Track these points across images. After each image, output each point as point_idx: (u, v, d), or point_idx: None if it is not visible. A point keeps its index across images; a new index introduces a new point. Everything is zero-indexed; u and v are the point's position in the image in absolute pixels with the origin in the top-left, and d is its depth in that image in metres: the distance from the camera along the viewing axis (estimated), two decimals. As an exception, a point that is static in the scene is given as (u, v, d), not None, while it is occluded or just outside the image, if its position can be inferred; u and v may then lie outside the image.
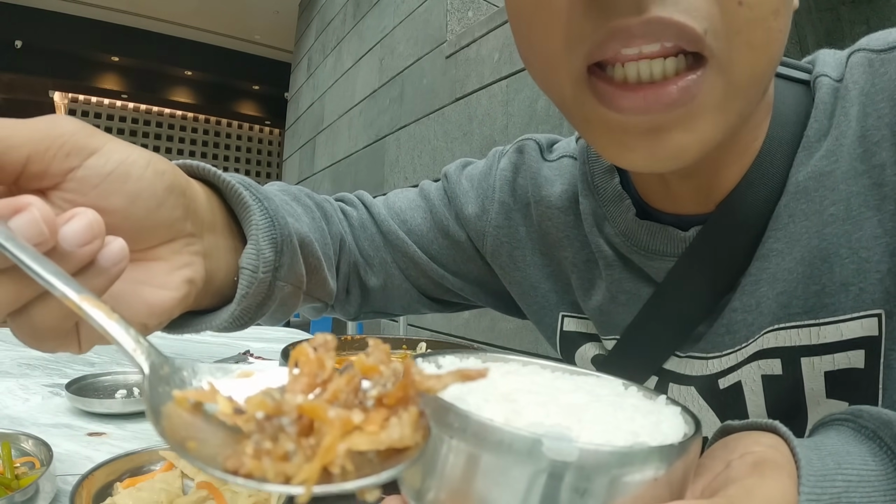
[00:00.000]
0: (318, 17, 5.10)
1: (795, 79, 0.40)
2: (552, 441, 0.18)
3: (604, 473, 0.18)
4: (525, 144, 0.54)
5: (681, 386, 0.44)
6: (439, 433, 0.20)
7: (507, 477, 0.18)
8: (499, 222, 0.52)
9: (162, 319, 0.29)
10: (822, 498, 0.24)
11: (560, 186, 0.50)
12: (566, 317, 0.51)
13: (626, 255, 0.44)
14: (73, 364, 0.90)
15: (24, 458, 0.46)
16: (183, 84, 8.55)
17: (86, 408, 0.63)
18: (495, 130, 2.39)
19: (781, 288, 0.38)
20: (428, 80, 2.96)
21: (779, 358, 0.39)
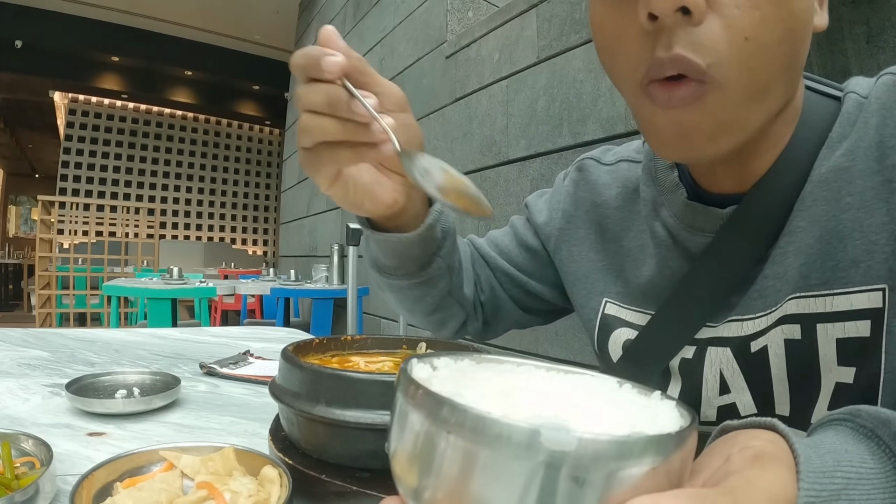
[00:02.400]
0: (318, 17, 5.10)
1: (830, 94, 0.49)
2: (550, 431, 0.18)
3: (602, 463, 0.18)
4: (584, 163, 0.67)
5: (718, 348, 0.50)
6: (436, 429, 0.20)
7: (505, 469, 0.19)
8: (561, 225, 0.66)
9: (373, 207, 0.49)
10: (822, 495, 0.24)
11: (616, 189, 0.62)
12: (609, 302, 0.60)
13: (675, 233, 0.53)
14: (73, 364, 0.90)
15: (24, 458, 0.45)
16: (183, 84, 8.55)
17: (86, 408, 0.63)
18: (495, 130, 2.39)
19: (803, 260, 0.45)
20: (428, 80, 2.96)
21: (799, 324, 0.45)
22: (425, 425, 0.20)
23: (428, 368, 0.26)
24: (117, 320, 3.74)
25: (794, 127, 0.47)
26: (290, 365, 0.42)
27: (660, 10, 0.37)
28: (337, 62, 0.39)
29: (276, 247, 8.59)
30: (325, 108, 0.40)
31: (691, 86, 0.39)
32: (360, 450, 0.38)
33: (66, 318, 5.10)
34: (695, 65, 0.38)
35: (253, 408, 0.70)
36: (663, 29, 0.38)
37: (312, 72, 0.39)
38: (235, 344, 1.13)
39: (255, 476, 0.41)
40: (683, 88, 0.39)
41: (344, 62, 0.39)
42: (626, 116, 1.74)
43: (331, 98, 0.39)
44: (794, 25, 0.39)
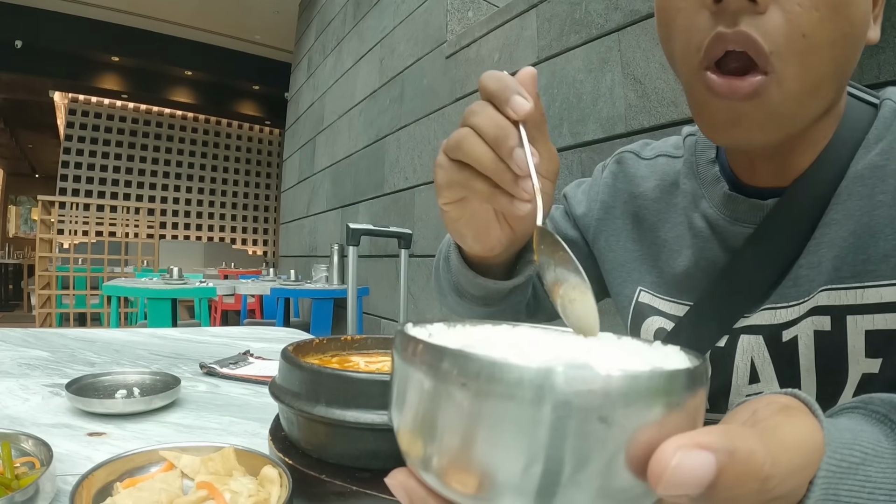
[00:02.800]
0: (318, 18, 5.10)
1: (867, 101, 0.51)
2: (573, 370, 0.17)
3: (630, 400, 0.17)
4: (623, 156, 0.68)
5: (750, 336, 0.51)
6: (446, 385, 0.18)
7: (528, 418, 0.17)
8: (600, 216, 0.67)
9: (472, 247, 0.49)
10: (842, 465, 0.24)
11: (654, 182, 0.63)
12: (643, 291, 0.61)
13: (714, 224, 0.54)
14: (73, 364, 0.90)
15: (24, 458, 0.45)
16: (183, 84, 8.55)
17: (86, 408, 0.63)
18: (495, 130, 2.39)
19: (836, 252, 0.46)
20: (428, 80, 2.96)
21: (829, 315, 0.46)
22: (433, 383, 0.18)
23: (424, 332, 0.24)
24: (117, 320, 3.74)
25: (835, 128, 0.49)
26: (290, 365, 0.42)
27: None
28: (526, 107, 0.37)
29: (276, 247, 8.59)
30: (489, 138, 0.38)
31: (754, 82, 0.40)
32: (360, 450, 0.38)
33: (66, 318, 5.10)
34: (760, 46, 0.39)
35: (253, 408, 0.70)
36: (727, 9, 0.39)
37: (498, 101, 0.38)
38: (235, 344, 1.13)
39: (255, 476, 0.41)
40: (746, 85, 0.40)
41: (531, 110, 0.38)
42: (626, 116, 1.74)
43: (500, 133, 0.38)
44: (849, 31, 0.40)
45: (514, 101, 0.37)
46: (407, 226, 2.87)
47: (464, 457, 0.18)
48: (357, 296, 2.40)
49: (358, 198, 3.79)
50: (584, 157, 1.90)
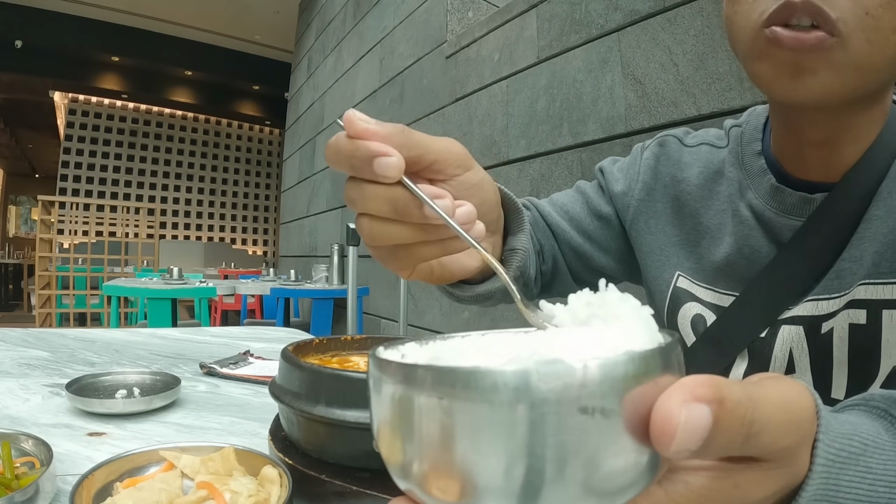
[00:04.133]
0: (318, 17, 5.10)
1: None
2: (545, 366, 0.17)
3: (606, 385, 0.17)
4: (666, 139, 0.67)
5: (791, 327, 0.52)
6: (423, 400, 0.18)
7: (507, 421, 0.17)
8: (641, 197, 0.66)
9: (464, 274, 0.45)
10: (841, 455, 0.24)
11: (697, 168, 0.63)
12: (681, 276, 0.61)
13: (761, 214, 0.54)
14: (73, 364, 0.90)
15: (24, 458, 0.45)
16: (183, 84, 8.55)
17: (86, 408, 0.63)
18: (495, 130, 2.39)
19: (877, 248, 0.47)
20: (428, 80, 2.96)
21: (865, 309, 0.47)
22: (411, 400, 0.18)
23: (396, 353, 0.24)
24: (117, 320, 3.74)
25: (880, 128, 0.50)
26: (290, 365, 0.42)
27: None
28: (395, 165, 0.31)
29: (276, 247, 8.59)
30: (392, 215, 0.34)
31: (820, 35, 0.41)
32: (360, 450, 0.38)
33: (66, 318, 5.10)
34: (824, 13, 0.40)
35: (253, 408, 0.70)
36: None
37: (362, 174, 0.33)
38: (235, 344, 1.13)
39: (255, 476, 0.41)
40: (812, 36, 0.41)
41: (401, 163, 0.32)
42: (626, 116, 1.74)
43: (398, 206, 0.33)
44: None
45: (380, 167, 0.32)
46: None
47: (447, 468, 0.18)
48: (357, 296, 2.40)
49: (358, 198, 3.78)
50: (584, 157, 1.90)
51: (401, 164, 0.32)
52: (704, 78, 1.51)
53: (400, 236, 0.35)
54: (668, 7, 1.61)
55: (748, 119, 0.60)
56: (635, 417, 0.18)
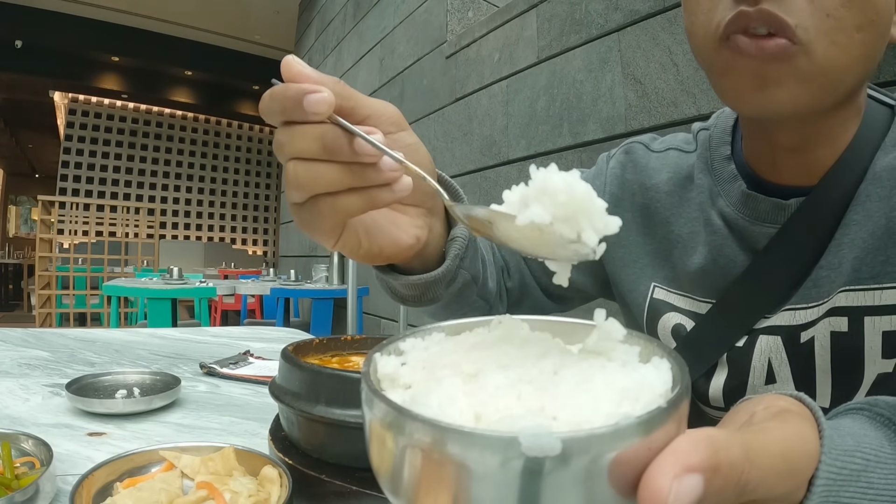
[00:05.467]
0: (318, 17, 5.10)
1: (885, 102, 0.51)
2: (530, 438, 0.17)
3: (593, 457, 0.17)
4: (631, 146, 0.66)
5: (769, 336, 0.51)
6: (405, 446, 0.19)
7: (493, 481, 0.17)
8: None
9: (394, 252, 0.42)
10: (842, 473, 0.24)
11: (666, 174, 0.61)
12: (657, 287, 0.59)
13: (733, 223, 0.53)
14: (73, 364, 0.90)
15: (24, 458, 0.45)
16: (183, 84, 8.54)
17: (86, 408, 0.63)
18: (495, 130, 2.39)
19: (856, 253, 0.46)
20: (428, 80, 2.96)
21: (846, 316, 0.46)
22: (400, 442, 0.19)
23: (393, 360, 0.24)
24: (117, 320, 3.74)
25: (855, 127, 0.48)
26: (290, 365, 0.42)
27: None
28: (325, 99, 0.32)
29: (276, 247, 8.58)
30: (320, 154, 0.33)
31: (781, 43, 0.39)
32: (360, 450, 0.38)
33: (66, 318, 5.10)
34: (783, 21, 0.39)
35: (253, 408, 0.70)
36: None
37: (293, 115, 0.33)
38: (235, 344, 1.13)
39: (255, 476, 0.41)
40: (773, 44, 0.40)
41: (332, 98, 0.32)
42: (626, 116, 1.74)
43: (327, 141, 0.33)
44: (875, 19, 0.41)
45: (309, 102, 0.32)
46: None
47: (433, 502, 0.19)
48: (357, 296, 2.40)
49: (358, 198, 3.78)
50: (585, 157, 1.90)
51: (331, 100, 0.32)
52: (704, 78, 1.50)
53: (328, 177, 0.34)
54: (668, 7, 1.61)
55: (716, 122, 0.59)
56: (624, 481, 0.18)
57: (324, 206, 0.35)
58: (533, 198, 0.25)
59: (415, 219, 0.43)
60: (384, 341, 0.25)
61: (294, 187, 0.35)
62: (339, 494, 0.37)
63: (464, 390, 0.21)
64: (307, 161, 0.34)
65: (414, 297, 0.51)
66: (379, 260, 0.43)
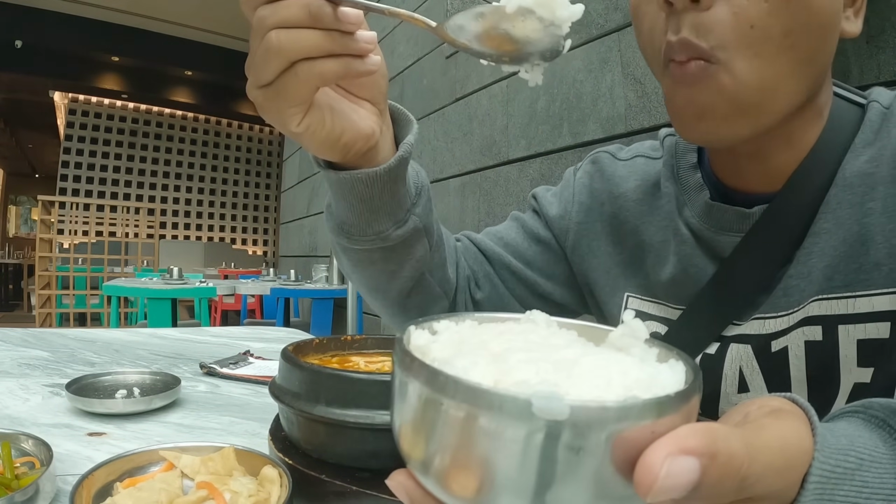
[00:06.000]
0: (318, 17, 5.10)
1: (854, 101, 0.50)
2: (541, 400, 0.18)
3: (598, 430, 0.18)
4: (598, 156, 0.66)
5: (739, 345, 0.50)
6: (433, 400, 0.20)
7: (504, 436, 0.18)
8: (580, 219, 0.64)
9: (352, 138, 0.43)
10: (836, 471, 0.24)
11: (634, 182, 0.61)
12: (631, 297, 0.59)
13: (699, 233, 0.52)
14: (73, 364, 0.90)
15: (24, 458, 0.45)
16: (183, 84, 8.54)
17: (86, 408, 0.63)
18: (495, 130, 2.39)
19: (827, 262, 0.46)
20: (428, 80, 2.96)
21: (820, 325, 0.46)
22: (423, 396, 0.20)
23: (426, 335, 0.25)
24: (117, 320, 3.74)
25: (819, 129, 0.48)
26: (290, 365, 0.42)
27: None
28: None
29: (276, 247, 8.58)
30: (305, 21, 0.35)
31: (699, 64, 0.41)
32: (360, 450, 0.38)
33: (66, 318, 5.10)
34: (697, 47, 0.40)
35: (253, 408, 0.70)
36: (675, 13, 0.41)
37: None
38: (235, 344, 1.13)
39: (255, 476, 0.41)
40: (692, 65, 0.41)
41: None
42: (626, 116, 1.74)
43: (312, 8, 0.34)
44: (808, 20, 0.40)
45: None
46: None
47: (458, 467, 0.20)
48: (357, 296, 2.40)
49: (358, 198, 3.78)
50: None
51: None
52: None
53: (310, 42, 0.35)
54: (668, 7, 1.61)
55: None
56: (626, 460, 0.19)
57: (301, 71, 0.36)
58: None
59: (370, 113, 0.45)
60: (420, 319, 0.27)
61: (274, 54, 0.35)
62: (339, 494, 0.37)
63: (487, 361, 0.22)
64: (290, 28, 0.35)
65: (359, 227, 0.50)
66: (337, 146, 0.43)
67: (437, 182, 2.74)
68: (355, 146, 0.44)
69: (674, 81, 0.43)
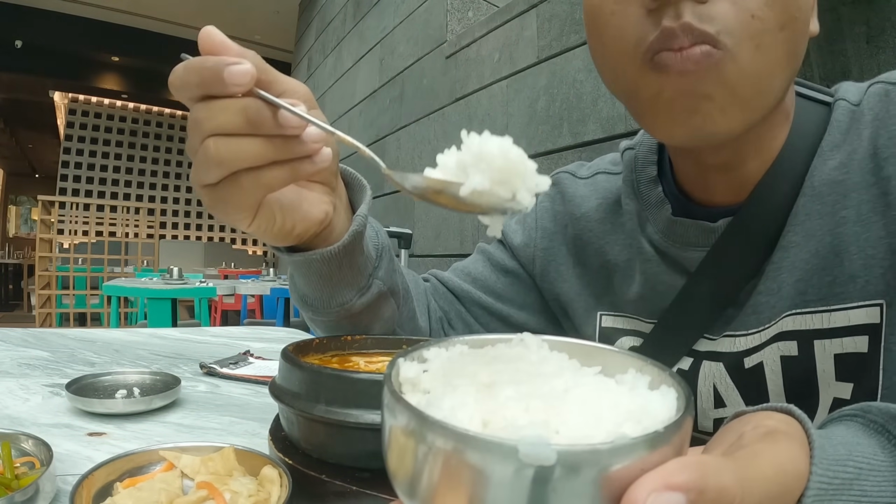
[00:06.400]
0: (318, 17, 5.10)
1: (819, 100, 0.48)
2: (528, 447, 0.18)
3: (586, 471, 0.18)
4: (558, 177, 0.64)
5: (711, 363, 0.49)
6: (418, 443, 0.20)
7: (491, 483, 0.18)
8: (544, 245, 0.62)
9: (306, 228, 0.42)
10: (834, 482, 0.24)
11: (596, 201, 0.59)
12: (604, 315, 0.58)
13: (664, 250, 0.51)
14: (73, 364, 0.90)
15: (24, 458, 0.45)
16: (183, 84, 8.55)
17: (86, 408, 0.63)
18: (495, 130, 2.37)
19: (799, 276, 0.44)
20: (428, 80, 2.96)
21: (795, 340, 0.44)
22: (411, 442, 0.20)
23: (415, 366, 0.25)
24: (117, 320, 3.74)
25: (785, 133, 0.46)
26: (290, 365, 0.42)
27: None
28: (247, 71, 0.31)
29: (276, 247, 8.58)
30: (243, 128, 0.32)
31: (705, 48, 0.38)
32: (360, 450, 0.38)
33: (66, 318, 5.10)
34: (704, 32, 0.38)
35: (253, 408, 0.70)
36: (669, 4, 0.38)
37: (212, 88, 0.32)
38: (235, 344, 1.13)
39: (255, 476, 0.41)
40: (698, 50, 0.38)
41: (253, 69, 0.31)
42: (627, 116, 1.74)
43: (251, 114, 0.32)
44: (796, 14, 0.39)
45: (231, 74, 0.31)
46: (407, 226, 2.87)
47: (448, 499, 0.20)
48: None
49: (358, 198, 3.79)
50: (585, 157, 1.89)
51: (253, 72, 0.31)
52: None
53: (251, 152, 0.33)
54: (668, 7, 1.61)
55: (642, 138, 0.56)
56: (615, 498, 0.19)
57: (245, 182, 0.34)
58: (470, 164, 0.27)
59: (321, 195, 0.43)
60: (410, 348, 0.27)
61: (214, 164, 0.33)
62: (339, 494, 0.37)
63: (476, 398, 0.22)
64: (228, 136, 0.33)
65: (322, 300, 0.49)
66: (289, 238, 0.42)
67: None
68: (309, 233, 0.43)
69: (665, 74, 0.39)
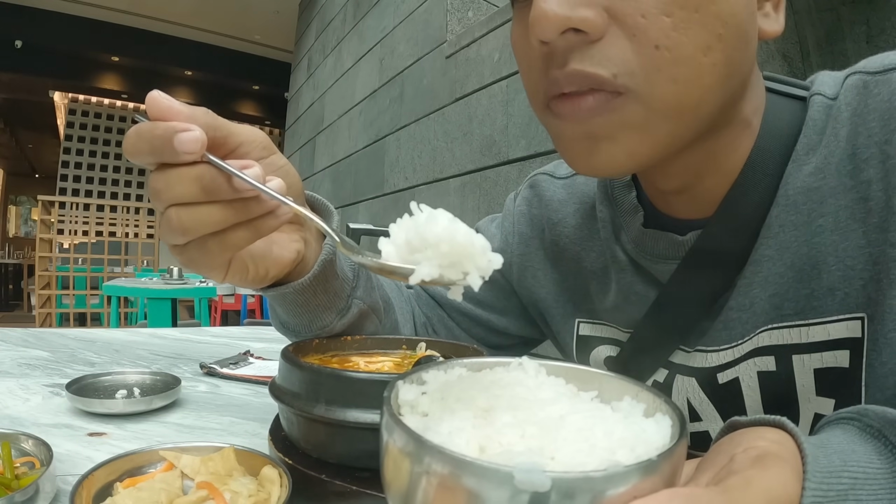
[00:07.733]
0: (318, 17, 5.10)
1: (793, 95, 0.44)
2: (524, 473, 0.18)
3: (581, 497, 0.18)
4: (536, 179, 0.63)
5: (684, 377, 0.49)
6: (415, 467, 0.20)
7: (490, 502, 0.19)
8: (521, 250, 0.61)
9: (279, 270, 0.43)
10: (829, 494, 0.24)
11: (573, 206, 0.58)
12: (581, 322, 0.57)
13: (637, 260, 0.50)
14: (73, 364, 0.90)
15: (24, 458, 0.45)
16: (183, 84, 8.54)
17: (86, 408, 0.63)
18: (495, 130, 2.39)
19: (773, 290, 0.42)
20: (428, 80, 2.96)
21: (773, 355, 0.43)
22: (409, 465, 0.20)
23: (415, 389, 0.26)
24: (117, 320, 3.74)
25: (749, 143, 0.42)
26: (290, 365, 0.42)
27: (544, 35, 0.35)
28: (197, 138, 0.31)
29: (276, 247, 8.58)
30: (200, 197, 0.32)
31: (599, 96, 0.36)
32: (360, 450, 0.38)
33: (66, 318, 5.10)
34: (596, 76, 0.35)
35: (253, 408, 0.70)
36: (557, 50, 0.36)
37: (164, 156, 0.32)
38: (235, 344, 1.13)
39: (255, 476, 0.41)
40: (590, 99, 0.36)
41: (203, 135, 0.32)
42: (626, 116, 1.74)
43: (206, 183, 0.32)
44: (722, 30, 0.35)
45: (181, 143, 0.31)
46: (407, 226, 2.86)
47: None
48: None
49: (358, 198, 3.79)
50: (584, 157, 1.90)
51: (202, 138, 0.32)
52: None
53: (211, 219, 0.33)
54: (668, 7, 1.61)
55: None
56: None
57: (212, 245, 0.35)
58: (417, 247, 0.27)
59: (291, 234, 0.44)
60: (409, 371, 0.27)
61: (179, 232, 0.34)
62: (339, 494, 0.37)
63: (473, 423, 0.22)
64: (188, 206, 0.33)
65: (302, 325, 0.49)
66: (266, 282, 0.44)
67: (437, 182, 2.74)
68: (284, 272, 0.44)
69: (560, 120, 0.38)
